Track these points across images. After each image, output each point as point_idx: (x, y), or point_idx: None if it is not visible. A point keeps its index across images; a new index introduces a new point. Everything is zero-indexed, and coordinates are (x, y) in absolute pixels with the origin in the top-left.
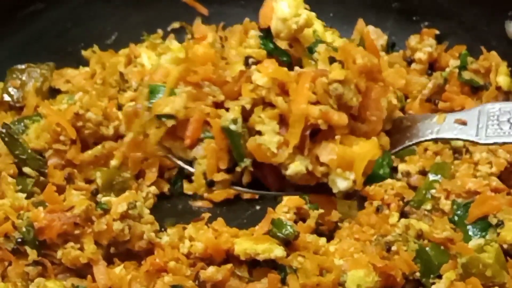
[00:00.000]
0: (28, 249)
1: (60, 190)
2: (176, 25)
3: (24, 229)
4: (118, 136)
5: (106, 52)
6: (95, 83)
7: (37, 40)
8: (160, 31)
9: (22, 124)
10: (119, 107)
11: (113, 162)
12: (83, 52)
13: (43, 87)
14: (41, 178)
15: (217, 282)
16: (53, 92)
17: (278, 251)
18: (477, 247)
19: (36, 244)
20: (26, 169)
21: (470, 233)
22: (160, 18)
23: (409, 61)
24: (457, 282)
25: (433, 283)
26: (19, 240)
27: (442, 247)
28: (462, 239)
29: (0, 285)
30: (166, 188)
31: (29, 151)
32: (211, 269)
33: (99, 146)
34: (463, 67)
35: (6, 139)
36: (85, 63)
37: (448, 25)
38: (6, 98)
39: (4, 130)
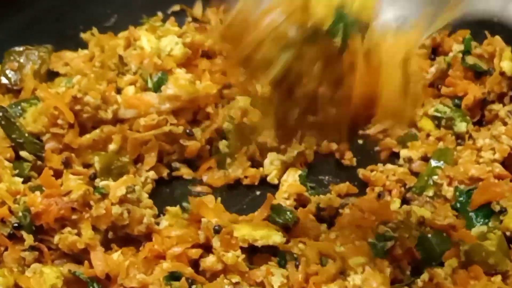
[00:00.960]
0: (24, 234)
1: (58, 174)
2: (176, 7)
3: (20, 214)
4: (117, 120)
5: (105, 35)
6: (94, 66)
7: (36, 23)
8: (160, 14)
9: (19, 107)
10: (118, 91)
11: (112, 147)
12: (82, 35)
13: (41, 69)
14: (38, 163)
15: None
16: (51, 75)
17: (276, 237)
18: (480, 235)
19: (32, 229)
20: (23, 153)
21: (473, 220)
22: (160, 0)
23: None
24: (459, 270)
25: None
26: (16, 225)
27: (444, 234)
28: (465, 226)
29: None
30: (165, 173)
31: (26, 134)
32: (211, 259)
33: (97, 130)
34: (466, 52)
35: (3, 122)
36: (85, 46)
37: None
38: (4, 80)
39: (0, 114)
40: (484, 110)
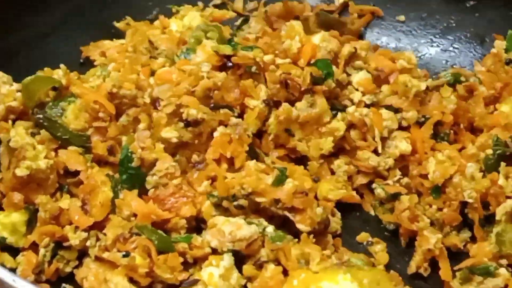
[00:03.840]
0: None
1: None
2: (217, 1)
3: None
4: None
5: (141, 23)
6: (127, 51)
7: (78, 14)
8: (200, 4)
9: (58, 107)
10: (152, 73)
11: (141, 126)
12: (116, 24)
13: None
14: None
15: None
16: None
17: None
18: None
19: None
20: (72, 148)
21: None
22: None
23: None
24: None
25: None
26: None
27: None
28: None
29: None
30: None
31: (70, 129)
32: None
33: (124, 116)
34: None
35: (46, 123)
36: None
37: None
38: None
39: (41, 116)
40: None
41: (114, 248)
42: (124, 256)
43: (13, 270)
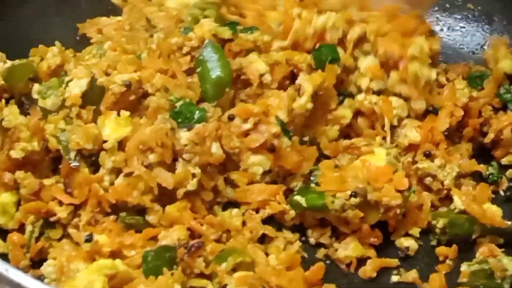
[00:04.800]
0: None
1: None
2: None
3: None
4: None
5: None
6: (123, 30)
7: None
8: None
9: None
10: None
11: None
12: (113, 0)
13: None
14: None
15: None
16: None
17: None
18: None
19: None
20: None
21: None
22: None
23: None
24: None
25: None
26: None
27: None
28: None
29: None
30: None
31: None
32: None
33: None
34: None
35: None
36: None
37: None
38: None
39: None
40: None
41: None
42: (86, 240)
43: (5, 256)
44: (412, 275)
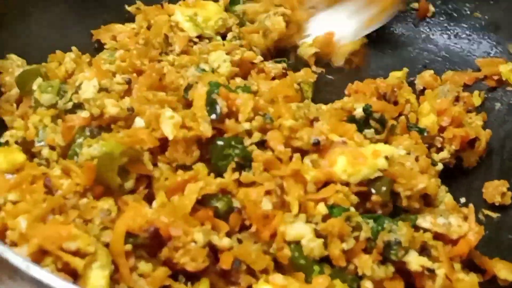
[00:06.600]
0: None
1: None
2: None
3: None
4: None
5: (151, 8)
6: (138, 43)
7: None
8: None
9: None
10: None
11: None
12: (128, 8)
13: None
14: None
15: None
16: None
17: None
18: None
19: None
20: None
21: None
22: None
23: None
24: None
25: None
26: None
27: None
28: None
29: None
30: None
31: None
32: None
33: None
34: None
35: None
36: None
37: None
38: None
39: None
40: None
41: None
42: None
43: None
44: None
